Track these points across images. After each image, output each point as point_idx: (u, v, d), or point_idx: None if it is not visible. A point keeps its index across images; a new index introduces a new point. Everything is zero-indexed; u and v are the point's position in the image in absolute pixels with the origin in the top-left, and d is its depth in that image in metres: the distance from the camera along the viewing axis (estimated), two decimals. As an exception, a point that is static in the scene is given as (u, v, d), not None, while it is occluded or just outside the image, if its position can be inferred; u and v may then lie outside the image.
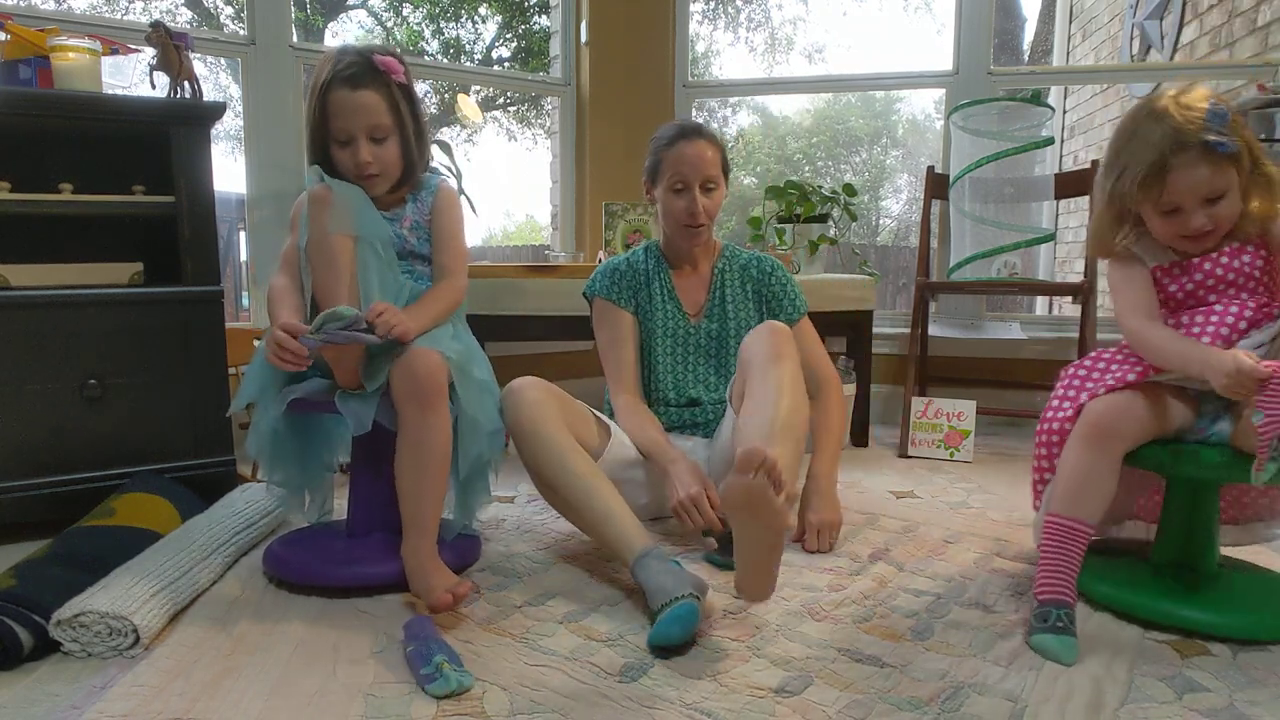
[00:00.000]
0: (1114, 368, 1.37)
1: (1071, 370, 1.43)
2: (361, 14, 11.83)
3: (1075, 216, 5.18)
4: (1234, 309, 1.32)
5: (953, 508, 2.01)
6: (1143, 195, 1.31)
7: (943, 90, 3.12)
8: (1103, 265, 1.58)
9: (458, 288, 1.56)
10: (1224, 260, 1.35)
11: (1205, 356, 1.24)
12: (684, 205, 1.83)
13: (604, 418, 1.79)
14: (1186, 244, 1.35)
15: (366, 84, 1.46)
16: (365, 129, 1.47)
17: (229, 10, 10.27)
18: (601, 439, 1.71)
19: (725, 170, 1.88)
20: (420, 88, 1.72)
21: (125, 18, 9.00)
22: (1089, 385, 1.37)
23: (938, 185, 2.92)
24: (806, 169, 15.55)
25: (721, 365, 1.91)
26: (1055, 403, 1.41)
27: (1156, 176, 1.28)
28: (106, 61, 1.84)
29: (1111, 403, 1.31)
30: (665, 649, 1.21)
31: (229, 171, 9.16)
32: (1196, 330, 1.33)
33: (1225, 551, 1.45)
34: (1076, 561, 1.30)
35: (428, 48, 11.24)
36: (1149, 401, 1.30)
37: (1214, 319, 1.32)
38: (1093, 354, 1.43)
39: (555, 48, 3.37)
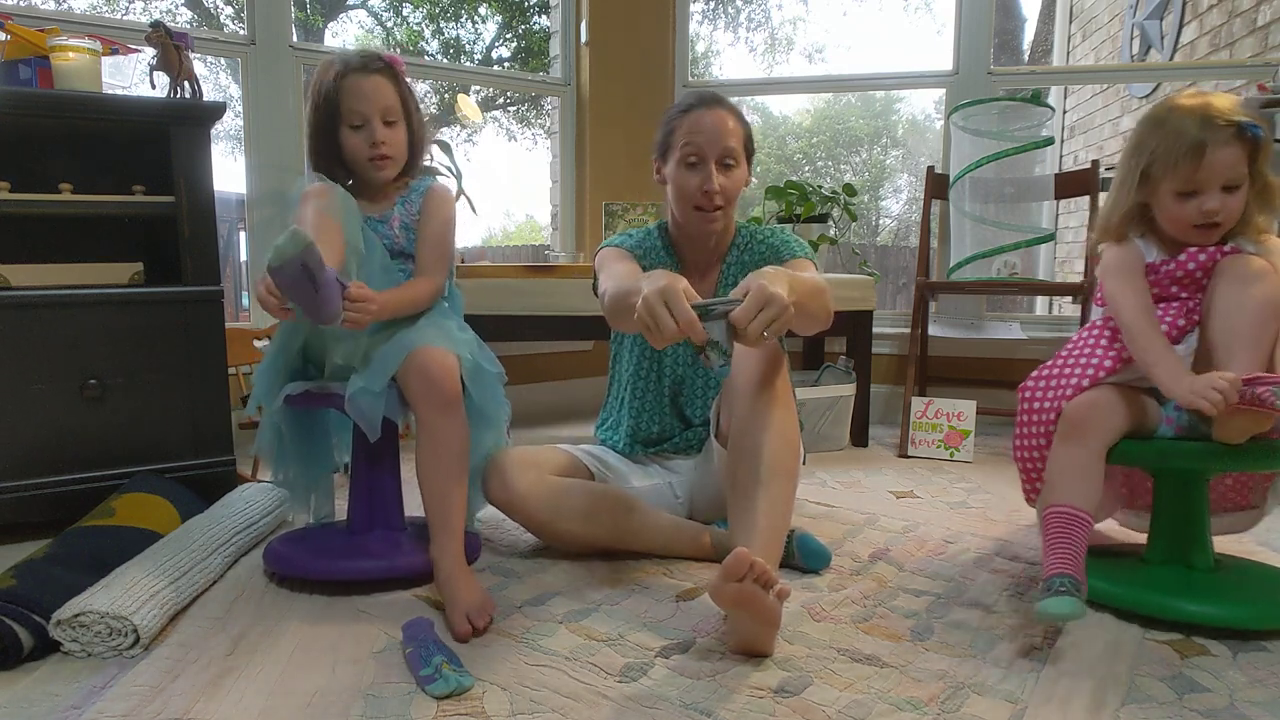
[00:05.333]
0: (1074, 369, 1.41)
1: (1030, 385, 1.46)
2: (361, 14, 11.85)
3: (1075, 216, 5.18)
4: (1172, 311, 1.39)
5: (953, 508, 2.01)
6: (1172, 174, 1.34)
7: (943, 90, 3.12)
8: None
9: (433, 285, 1.55)
10: (1190, 262, 1.39)
11: (1174, 378, 1.28)
12: (697, 182, 1.57)
13: (590, 455, 1.71)
14: (1194, 234, 1.37)
15: (378, 71, 1.54)
16: (379, 111, 1.52)
17: (229, 10, 10.27)
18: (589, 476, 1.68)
19: (749, 151, 1.65)
20: (420, 88, 1.75)
21: (125, 18, 9.01)
22: (1050, 394, 1.41)
23: (938, 185, 2.92)
24: (806, 169, 15.55)
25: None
26: (1025, 429, 1.46)
27: (1191, 153, 1.32)
28: (106, 61, 1.84)
29: (1086, 400, 1.37)
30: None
31: (229, 171, 9.14)
32: None
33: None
34: (1079, 543, 1.30)
35: (428, 48, 11.24)
36: (1119, 397, 1.36)
37: (1165, 321, 1.39)
38: (1044, 367, 1.46)
39: (555, 48, 3.37)
